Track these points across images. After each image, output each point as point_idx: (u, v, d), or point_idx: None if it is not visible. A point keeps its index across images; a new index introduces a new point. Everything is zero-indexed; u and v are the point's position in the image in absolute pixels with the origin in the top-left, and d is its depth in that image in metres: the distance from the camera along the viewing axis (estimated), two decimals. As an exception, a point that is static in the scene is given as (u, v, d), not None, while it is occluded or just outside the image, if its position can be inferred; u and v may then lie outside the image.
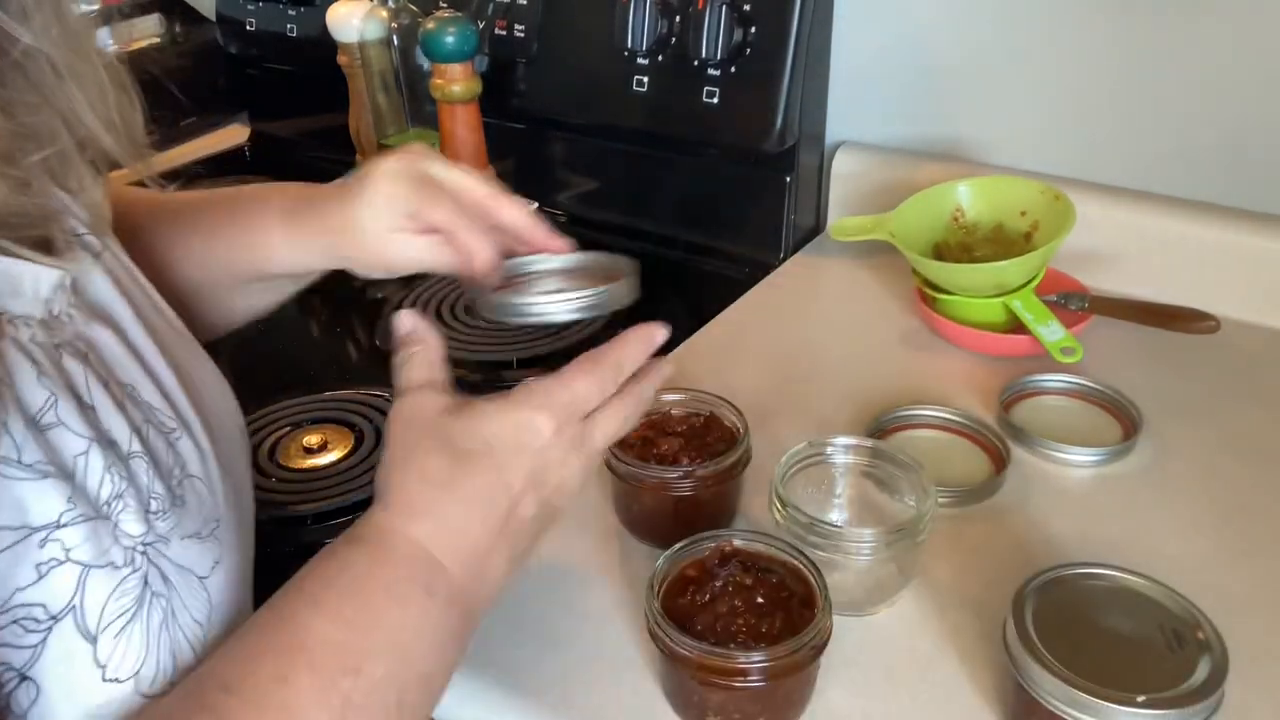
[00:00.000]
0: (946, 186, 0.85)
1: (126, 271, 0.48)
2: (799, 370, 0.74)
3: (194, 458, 0.44)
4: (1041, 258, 0.76)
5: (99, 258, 0.45)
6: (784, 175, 0.94)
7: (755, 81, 0.89)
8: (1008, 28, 0.88)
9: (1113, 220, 0.85)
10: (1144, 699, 0.42)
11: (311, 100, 1.29)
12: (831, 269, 0.95)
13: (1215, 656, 0.44)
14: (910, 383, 0.77)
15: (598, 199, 1.07)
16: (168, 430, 0.43)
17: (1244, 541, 0.60)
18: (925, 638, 0.54)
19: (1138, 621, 0.46)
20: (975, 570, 0.58)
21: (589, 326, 0.86)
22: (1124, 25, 0.82)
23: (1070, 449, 0.67)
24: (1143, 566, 0.49)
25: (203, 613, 0.42)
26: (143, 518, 0.39)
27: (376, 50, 1.07)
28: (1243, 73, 0.79)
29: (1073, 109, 0.87)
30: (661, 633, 0.47)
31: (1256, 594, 0.56)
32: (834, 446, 0.59)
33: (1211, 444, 0.68)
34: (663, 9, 0.91)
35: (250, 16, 1.27)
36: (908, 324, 0.84)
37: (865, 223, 0.87)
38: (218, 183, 1.22)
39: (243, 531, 0.47)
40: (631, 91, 0.95)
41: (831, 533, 0.53)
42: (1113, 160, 0.87)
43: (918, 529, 0.53)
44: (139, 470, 0.40)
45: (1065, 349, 0.75)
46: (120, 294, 0.45)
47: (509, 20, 1.02)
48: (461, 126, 1.01)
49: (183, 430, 0.44)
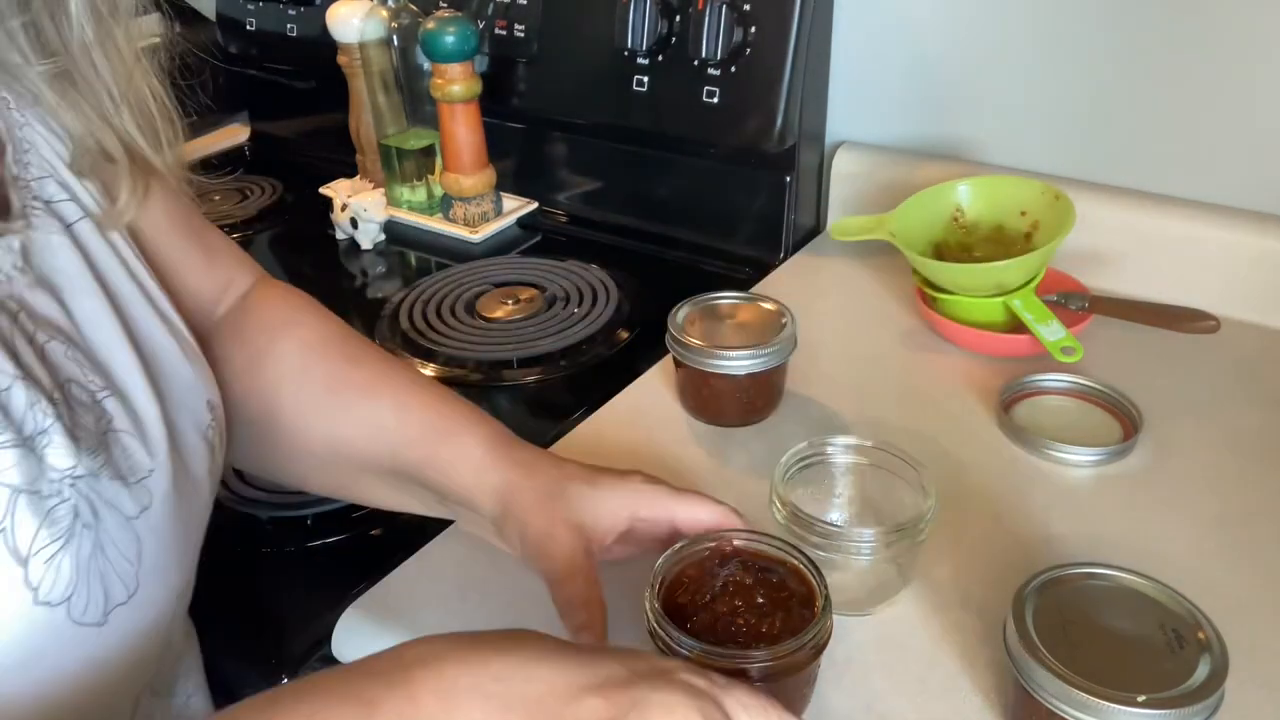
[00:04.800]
0: (946, 186, 0.85)
1: (110, 248, 0.48)
2: (799, 370, 0.74)
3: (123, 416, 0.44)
4: (1041, 258, 0.76)
5: (71, 228, 0.46)
6: (784, 175, 0.94)
7: (755, 81, 0.89)
8: (1008, 28, 0.88)
9: (1113, 220, 0.85)
10: (1144, 699, 0.42)
11: (311, 100, 1.29)
12: (831, 269, 0.95)
13: (1215, 656, 0.44)
14: (910, 383, 0.77)
15: (598, 199, 1.08)
16: (94, 389, 0.44)
17: (1244, 541, 0.60)
18: (925, 638, 0.54)
19: (1138, 621, 0.46)
20: (975, 570, 0.58)
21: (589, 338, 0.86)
22: (1124, 25, 0.82)
23: (1070, 449, 0.67)
24: (1143, 566, 0.49)
25: (132, 551, 0.42)
26: (71, 453, 0.40)
27: (376, 50, 1.07)
28: (1244, 72, 0.79)
29: (1073, 109, 0.88)
30: (661, 632, 0.46)
31: (1256, 594, 0.56)
32: (834, 446, 0.59)
33: (1211, 444, 0.68)
34: (663, 9, 0.91)
35: (250, 16, 1.27)
36: (908, 324, 0.84)
37: (865, 223, 0.87)
38: (218, 183, 1.23)
39: (183, 502, 0.46)
40: (631, 91, 0.95)
41: (831, 533, 0.53)
42: (1113, 160, 0.87)
43: (918, 529, 0.53)
44: (63, 413, 0.41)
45: (1065, 349, 0.75)
46: (87, 267, 0.46)
47: (509, 20, 1.02)
48: (461, 126, 1.01)
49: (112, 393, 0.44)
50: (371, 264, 1.05)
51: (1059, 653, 0.44)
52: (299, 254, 1.10)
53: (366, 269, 1.04)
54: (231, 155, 1.36)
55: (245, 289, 0.62)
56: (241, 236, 1.12)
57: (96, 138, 0.47)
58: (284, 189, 1.21)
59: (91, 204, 0.48)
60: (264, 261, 1.08)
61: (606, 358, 0.84)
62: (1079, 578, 0.48)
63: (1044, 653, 0.44)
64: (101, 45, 0.45)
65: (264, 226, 1.15)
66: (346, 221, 1.06)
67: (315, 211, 1.11)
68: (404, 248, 1.07)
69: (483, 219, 1.06)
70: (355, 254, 1.06)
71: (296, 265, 1.08)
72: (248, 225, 1.14)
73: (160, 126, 0.49)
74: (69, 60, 0.45)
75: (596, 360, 0.84)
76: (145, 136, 0.48)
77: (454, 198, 1.05)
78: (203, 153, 1.34)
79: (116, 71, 0.46)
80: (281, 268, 1.07)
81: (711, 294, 0.74)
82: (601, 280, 0.93)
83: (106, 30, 0.45)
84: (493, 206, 1.06)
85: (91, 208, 0.48)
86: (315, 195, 1.11)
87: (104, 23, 0.45)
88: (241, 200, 1.19)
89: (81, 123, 0.46)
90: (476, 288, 0.94)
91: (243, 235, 1.13)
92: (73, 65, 0.45)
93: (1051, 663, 0.43)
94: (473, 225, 1.05)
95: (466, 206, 1.05)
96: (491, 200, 1.06)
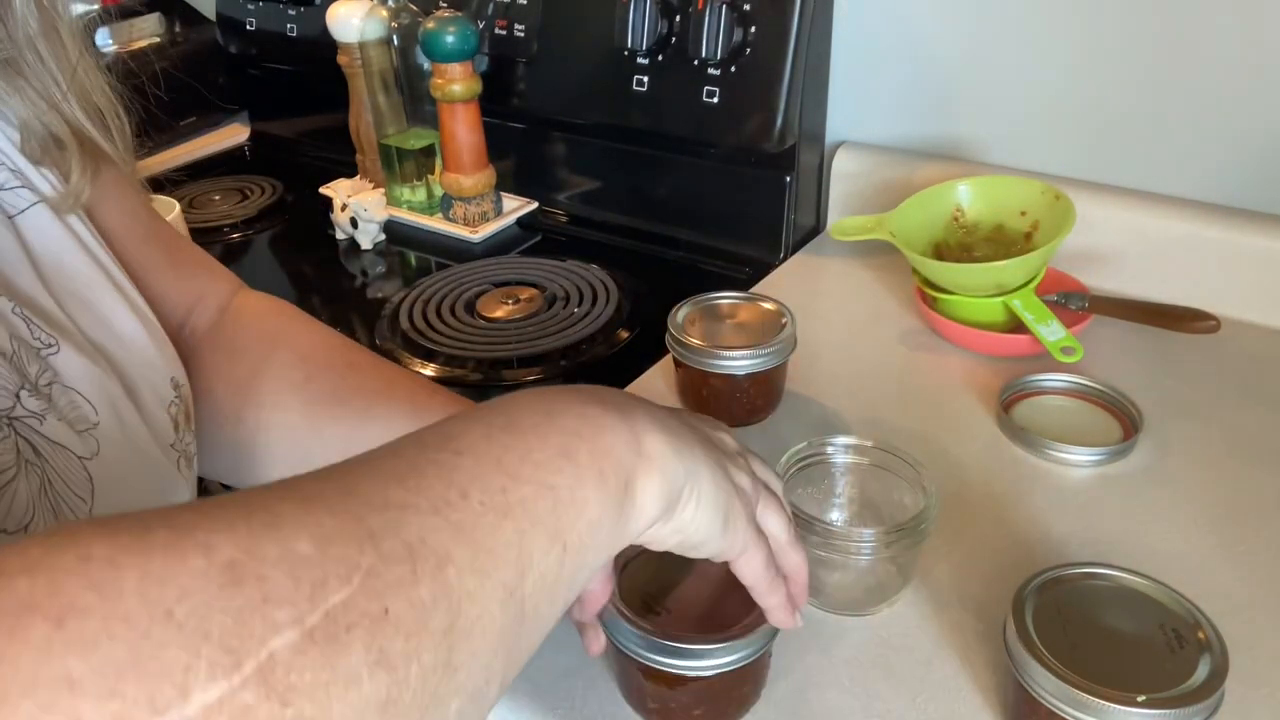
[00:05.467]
0: (946, 186, 0.85)
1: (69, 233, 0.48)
2: (799, 369, 0.74)
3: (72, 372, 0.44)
4: (1041, 258, 0.76)
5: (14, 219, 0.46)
6: (784, 175, 0.94)
7: (755, 81, 0.89)
8: (1008, 27, 0.88)
9: (1113, 220, 0.85)
10: (1144, 699, 0.42)
11: (311, 100, 1.29)
12: (831, 269, 0.95)
13: (1215, 656, 0.44)
14: (910, 383, 0.77)
15: (598, 199, 1.08)
16: (42, 344, 0.44)
17: (1244, 541, 0.60)
18: (925, 638, 0.54)
19: (1138, 621, 0.46)
20: (975, 570, 0.58)
21: (589, 337, 0.86)
22: (1124, 25, 0.82)
23: (1070, 449, 0.67)
24: (1143, 566, 0.49)
25: (85, 490, 0.42)
26: (9, 395, 0.40)
27: (376, 50, 1.07)
28: (1244, 72, 0.79)
29: (1073, 108, 0.88)
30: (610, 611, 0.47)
31: (1256, 594, 0.56)
32: (834, 446, 0.59)
33: (1211, 444, 0.68)
34: (663, 9, 0.91)
35: (250, 16, 1.27)
36: (908, 324, 0.84)
37: (865, 222, 0.87)
38: (218, 183, 1.23)
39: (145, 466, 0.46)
40: (631, 91, 0.95)
41: (831, 533, 0.53)
42: (1113, 160, 0.87)
43: (918, 529, 0.53)
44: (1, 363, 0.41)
45: (1065, 349, 0.75)
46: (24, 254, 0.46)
47: (509, 20, 1.02)
48: (461, 126, 1.01)
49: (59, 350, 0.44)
50: (371, 264, 1.05)
51: (1059, 653, 0.44)
52: (299, 254, 1.10)
53: (366, 269, 1.04)
54: (231, 155, 1.36)
55: (223, 301, 0.61)
56: (241, 236, 1.13)
57: (44, 122, 0.47)
58: (284, 189, 1.21)
59: (48, 190, 0.48)
60: (264, 261, 1.09)
61: (606, 358, 0.84)
62: (1079, 578, 0.48)
63: (1044, 653, 0.44)
64: (46, 37, 0.46)
65: (264, 226, 1.15)
66: (346, 221, 1.06)
67: (315, 211, 1.11)
68: (404, 248, 1.07)
69: (483, 219, 1.06)
70: (355, 254, 1.06)
71: (296, 265, 1.08)
72: (248, 225, 1.14)
73: (109, 118, 0.49)
74: (14, 49, 0.45)
75: (596, 360, 0.84)
76: (94, 124, 0.49)
77: (454, 198, 1.05)
78: (203, 153, 1.34)
79: (62, 63, 0.47)
80: (281, 268, 1.08)
81: (711, 294, 0.74)
82: (601, 280, 0.93)
83: (50, 23, 0.46)
84: (493, 206, 1.06)
85: (48, 193, 0.48)
86: (315, 195, 1.12)
87: (47, 15, 0.46)
88: (241, 200, 1.19)
89: (29, 109, 0.46)
90: (476, 287, 0.94)
91: (243, 235, 1.13)
92: (19, 55, 0.45)
93: (1051, 663, 0.43)
94: (473, 225, 1.05)
95: (466, 206, 1.05)
96: (491, 200, 1.06)
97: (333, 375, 0.58)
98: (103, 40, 1.27)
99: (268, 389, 0.58)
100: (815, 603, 0.56)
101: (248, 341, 0.59)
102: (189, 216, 1.12)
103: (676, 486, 0.36)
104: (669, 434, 0.37)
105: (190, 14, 1.37)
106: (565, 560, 0.31)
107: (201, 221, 1.13)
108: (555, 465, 0.32)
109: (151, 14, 1.33)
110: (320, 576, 0.24)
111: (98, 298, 0.49)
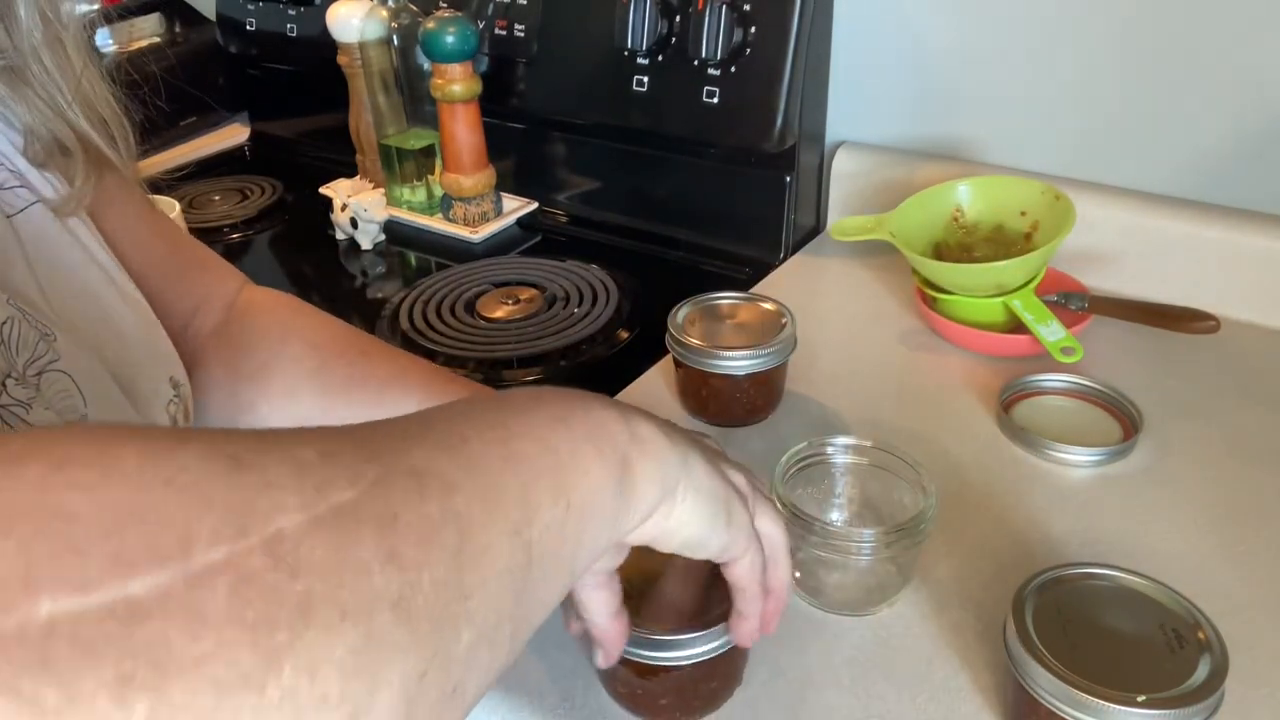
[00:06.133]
0: (946, 186, 0.85)
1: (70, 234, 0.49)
2: (798, 369, 0.74)
3: (64, 364, 0.44)
4: (1041, 258, 0.76)
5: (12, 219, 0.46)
6: (784, 175, 0.94)
7: (755, 81, 0.89)
8: (1008, 27, 0.88)
9: (1113, 220, 0.85)
10: (1144, 699, 0.42)
11: (311, 100, 1.29)
12: (831, 269, 0.95)
13: (1215, 656, 0.44)
14: (910, 383, 0.77)
15: (598, 199, 1.08)
16: (43, 331, 0.44)
17: (1244, 541, 0.60)
18: (925, 638, 0.54)
19: (1138, 621, 0.46)
20: (975, 570, 0.58)
21: (589, 337, 0.86)
22: (1124, 25, 0.82)
23: (1070, 449, 0.67)
24: (1143, 566, 0.49)
25: None
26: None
27: (376, 50, 1.07)
28: (1244, 72, 0.79)
29: (1073, 108, 0.88)
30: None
31: (1256, 594, 0.56)
32: (834, 446, 0.59)
33: (1211, 444, 0.68)
34: (663, 9, 0.91)
35: (250, 16, 1.27)
36: (908, 324, 0.84)
37: (865, 223, 0.87)
38: (218, 183, 1.23)
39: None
40: (631, 91, 0.95)
41: (831, 533, 0.53)
42: (1113, 160, 0.87)
43: (918, 529, 0.53)
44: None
45: (1065, 349, 0.75)
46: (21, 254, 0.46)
47: (509, 20, 1.02)
48: (461, 126, 1.01)
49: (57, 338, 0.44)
50: (371, 264, 1.05)
51: (1059, 653, 0.44)
52: (299, 254, 1.10)
53: (366, 269, 1.04)
54: (231, 155, 1.36)
55: (229, 298, 0.62)
56: (241, 237, 1.13)
57: (49, 128, 0.47)
58: (284, 189, 1.21)
59: (50, 192, 0.48)
60: (264, 261, 1.09)
61: (606, 358, 0.84)
62: (1079, 578, 0.48)
63: (1044, 653, 0.44)
64: (50, 48, 0.46)
65: (264, 226, 1.15)
66: (346, 221, 1.06)
67: (315, 211, 1.11)
68: (404, 248, 1.07)
69: (483, 219, 1.06)
70: (355, 254, 1.06)
71: (296, 265, 1.08)
72: (248, 225, 1.14)
73: (114, 127, 0.50)
74: (19, 58, 0.45)
75: (596, 360, 0.84)
76: (98, 131, 0.49)
77: (454, 198, 1.05)
78: (203, 153, 1.34)
79: (66, 73, 0.47)
80: (281, 268, 1.08)
81: (711, 294, 0.74)
82: (601, 280, 0.93)
83: (54, 34, 0.46)
84: (493, 206, 1.06)
85: (49, 195, 0.48)
86: (315, 195, 1.11)
87: (51, 26, 0.46)
88: (241, 200, 1.19)
89: (34, 115, 0.47)
90: (476, 288, 0.94)
91: (243, 235, 1.13)
92: (24, 64, 0.46)
93: (1051, 663, 0.43)
94: (473, 225, 1.05)
95: (466, 206, 1.05)
96: (491, 200, 1.06)
97: (345, 363, 0.58)
98: (103, 40, 1.27)
99: (281, 378, 0.58)
100: (815, 603, 0.56)
101: (258, 334, 0.59)
102: (189, 217, 1.12)
103: (672, 473, 0.36)
104: (660, 424, 0.37)
105: (190, 14, 1.37)
106: (569, 519, 0.30)
107: (201, 222, 1.13)
108: (551, 428, 0.32)
109: (151, 14, 1.33)
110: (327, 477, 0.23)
111: (94, 296, 0.49)
